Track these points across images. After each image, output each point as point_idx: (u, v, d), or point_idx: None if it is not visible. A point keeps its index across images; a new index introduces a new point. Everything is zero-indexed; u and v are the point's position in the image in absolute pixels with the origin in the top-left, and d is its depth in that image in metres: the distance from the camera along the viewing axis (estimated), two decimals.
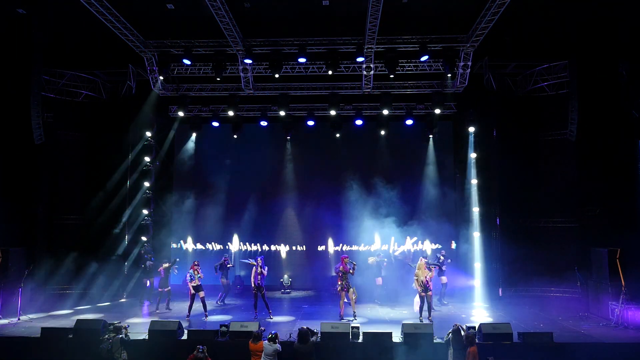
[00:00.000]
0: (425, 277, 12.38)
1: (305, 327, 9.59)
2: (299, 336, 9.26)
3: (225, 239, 18.21)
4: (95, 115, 16.94)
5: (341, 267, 12.94)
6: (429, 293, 12.41)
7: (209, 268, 15.41)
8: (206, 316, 13.01)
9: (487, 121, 16.70)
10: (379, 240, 17.80)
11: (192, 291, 13.01)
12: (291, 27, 14.61)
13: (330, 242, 18.02)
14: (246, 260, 13.88)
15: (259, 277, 12.82)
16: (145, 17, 14.19)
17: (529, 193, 16.14)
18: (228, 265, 15.37)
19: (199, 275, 13.09)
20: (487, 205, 16.56)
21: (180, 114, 17.26)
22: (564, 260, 15.40)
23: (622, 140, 14.46)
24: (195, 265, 13.28)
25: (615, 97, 14.28)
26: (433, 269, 13.13)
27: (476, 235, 16.70)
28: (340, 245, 17.84)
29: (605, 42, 14.02)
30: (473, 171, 16.99)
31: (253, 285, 12.88)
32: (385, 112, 16.39)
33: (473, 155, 17.06)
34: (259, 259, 13.10)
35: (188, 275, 13.13)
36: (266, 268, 13.08)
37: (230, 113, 16.64)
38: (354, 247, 17.80)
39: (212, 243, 18.22)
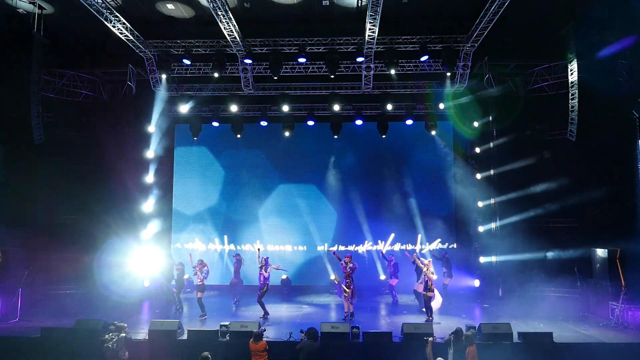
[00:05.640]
0: (426, 277, 12.41)
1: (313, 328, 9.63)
2: (309, 333, 9.30)
3: (224, 239, 18.19)
4: (95, 115, 16.93)
5: (342, 267, 12.97)
6: (430, 294, 12.41)
7: (210, 267, 15.39)
8: (201, 316, 13.02)
9: (487, 121, 16.69)
10: (379, 240, 17.82)
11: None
12: (291, 27, 14.61)
13: (330, 241, 17.96)
14: (274, 266, 13.82)
15: (261, 277, 12.90)
16: (145, 17, 14.20)
17: (529, 193, 16.13)
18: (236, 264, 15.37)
19: (203, 274, 13.18)
20: (487, 206, 16.56)
21: (181, 113, 17.28)
22: (564, 260, 15.39)
23: (622, 140, 14.46)
24: (200, 264, 13.36)
25: (615, 97, 14.27)
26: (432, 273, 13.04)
27: (476, 236, 16.70)
28: (336, 245, 17.73)
29: (605, 42, 14.02)
30: (473, 171, 16.99)
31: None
32: (389, 107, 16.39)
33: (473, 156, 17.06)
34: (263, 259, 13.15)
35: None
36: (269, 269, 13.11)
37: (234, 109, 16.66)
38: (351, 247, 17.78)
39: (212, 243, 18.21)
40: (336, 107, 16.60)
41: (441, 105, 16.62)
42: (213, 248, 18.18)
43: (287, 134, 17.29)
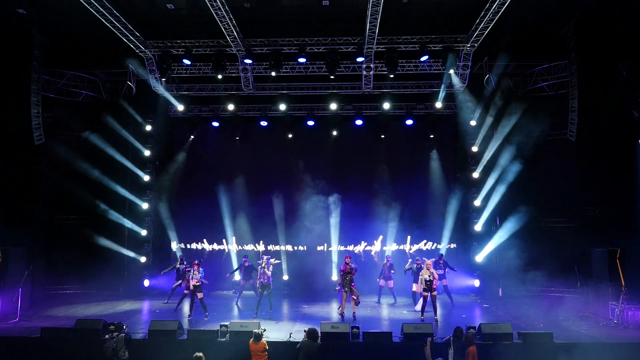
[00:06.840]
0: (429, 277, 12.35)
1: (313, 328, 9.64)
2: (309, 333, 9.31)
3: (224, 239, 18.18)
4: (95, 115, 16.95)
5: (342, 267, 12.96)
6: (434, 293, 12.38)
7: (209, 267, 15.41)
8: (206, 316, 12.98)
9: (487, 121, 16.69)
10: (379, 241, 17.81)
11: (189, 290, 13.20)
12: (291, 27, 14.63)
13: (329, 242, 17.96)
14: (259, 261, 13.86)
15: (264, 276, 12.85)
16: (145, 17, 14.22)
17: (529, 193, 16.13)
18: (245, 265, 15.22)
19: (200, 274, 13.09)
20: (485, 205, 16.55)
21: (180, 113, 17.27)
22: (564, 260, 15.38)
23: (622, 140, 14.45)
24: (196, 264, 13.26)
25: (615, 97, 14.28)
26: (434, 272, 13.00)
27: (475, 235, 16.70)
28: (337, 245, 17.70)
29: (605, 42, 14.02)
30: (473, 171, 16.98)
31: (257, 285, 13.04)
32: (387, 106, 16.37)
33: (473, 155, 17.05)
34: (264, 258, 13.14)
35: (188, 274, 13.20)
36: (271, 267, 13.08)
37: (231, 107, 16.69)
38: (350, 247, 17.77)
39: (216, 243, 18.18)
40: (336, 107, 16.60)
41: (439, 105, 16.62)
42: (217, 248, 18.12)
43: (287, 134, 17.28)
